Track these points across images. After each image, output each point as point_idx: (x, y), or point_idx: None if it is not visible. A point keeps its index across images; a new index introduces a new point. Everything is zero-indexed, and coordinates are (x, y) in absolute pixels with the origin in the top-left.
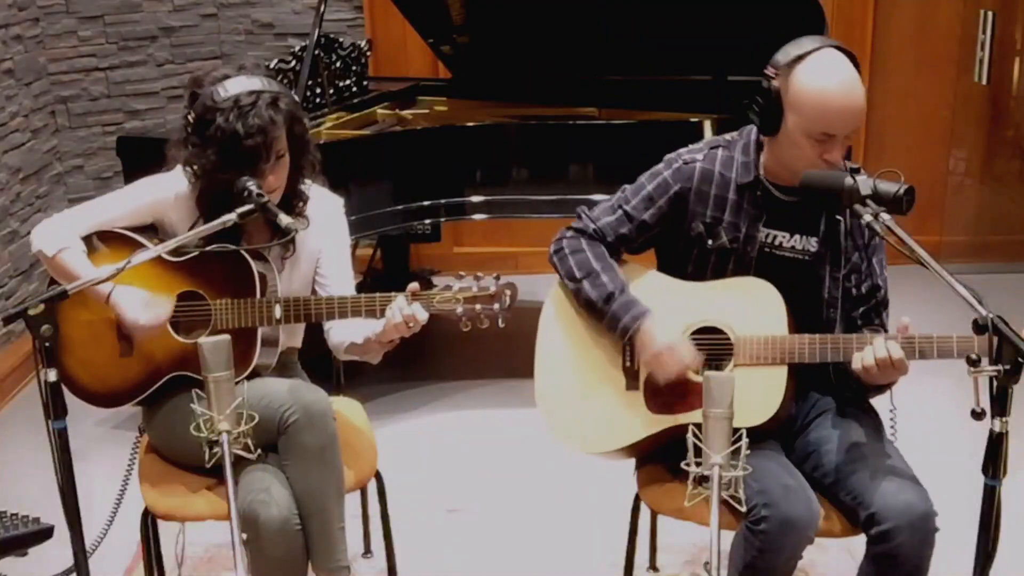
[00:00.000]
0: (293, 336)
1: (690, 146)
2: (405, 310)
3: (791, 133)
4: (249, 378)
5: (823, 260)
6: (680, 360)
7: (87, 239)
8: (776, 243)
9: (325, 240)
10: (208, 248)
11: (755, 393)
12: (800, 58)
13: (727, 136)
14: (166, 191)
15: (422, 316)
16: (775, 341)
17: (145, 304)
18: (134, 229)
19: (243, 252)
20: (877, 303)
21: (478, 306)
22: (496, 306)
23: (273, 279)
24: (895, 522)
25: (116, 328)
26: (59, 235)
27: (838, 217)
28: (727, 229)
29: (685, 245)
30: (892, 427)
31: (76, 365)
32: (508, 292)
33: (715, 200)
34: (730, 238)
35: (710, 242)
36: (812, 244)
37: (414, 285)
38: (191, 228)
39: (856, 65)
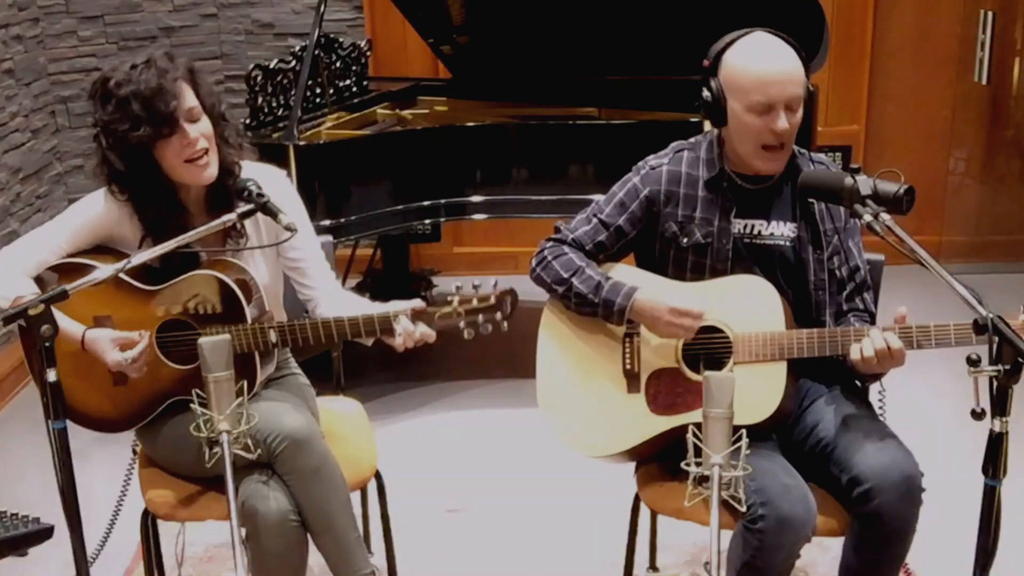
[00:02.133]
0: (276, 311)
1: (657, 153)
2: (415, 334)
3: (736, 116)
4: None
5: (805, 243)
6: (691, 317)
7: (37, 279)
8: (755, 232)
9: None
10: (186, 276)
11: (756, 391)
12: (728, 46)
13: (691, 139)
14: (100, 208)
15: (431, 338)
16: (772, 337)
17: (118, 344)
18: (84, 254)
19: (217, 274)
20: (858, 284)
21: (480, 317)
22: (498, 315)
23: (253, 280)
24: (876, 481)
25: None
26: (7, 282)
27: (810, 200)
28: (699, 225)
29: (661, 247)
30: (881, 407)
31: (70, 394)
32: (508, 299)
33: (685, 199)
34: (703, 233)
35: (684, 240)
36: (791, 229)
37: (417, 303)
38: (141, 242)
39: (792, 46)
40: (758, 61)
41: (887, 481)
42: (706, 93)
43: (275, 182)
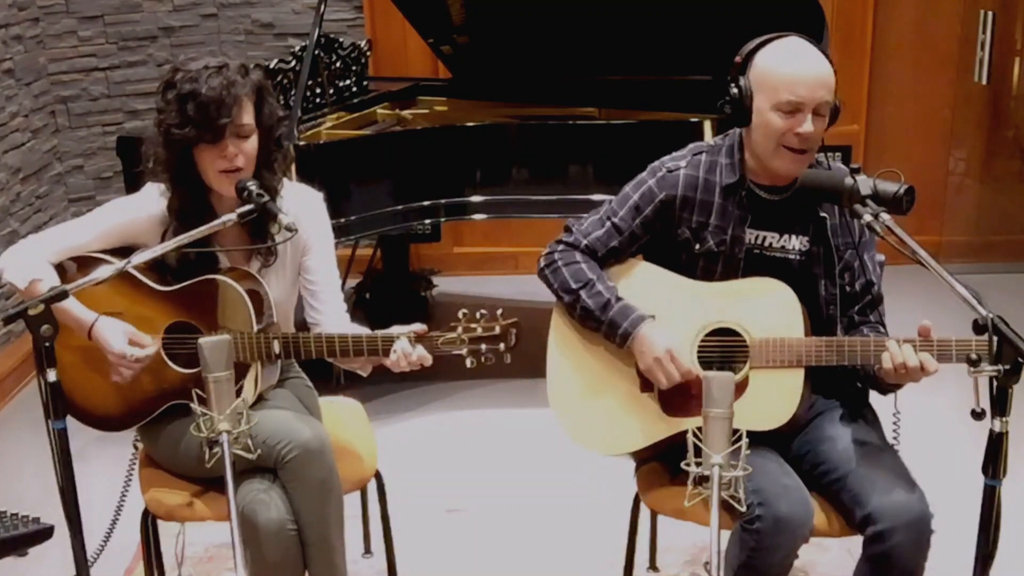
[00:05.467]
0: (285, 326)
1: (673, 153)
2: (412, 356)
3: (761, 113)
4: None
5: (816, 259)
6: (678, 366)
7: (58, 266)
8: (766, 244)
9: (309, 238)
10: (199, 279)
11: (771, 397)
12: (762, 44)
13: (709, 141)
14: (137, 211)
15: (428, 362)
16: (791, 344)
17: (129, 337)
18: (107, 253)
19: (231, 282)
20: (871, 300)
21: (483, 346)
22: (501, 346)
23: (266, 293)
24: (890, 523)
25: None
26: (28, 264)
27: (823, 215)
28: (713, 233)
29: (672, 250)
30: (895, 432)
31: (73, 389)
32: (513, 331)
33: (700, 205)
34: (716, 242)
35: (697, 247)
36: (803, 243)
37: (419, 327)
38: (163, 240)
39: (824, 54)
40: (792, 61)
41: (901, 523)
42: (734, 89)
43: (311, 204)
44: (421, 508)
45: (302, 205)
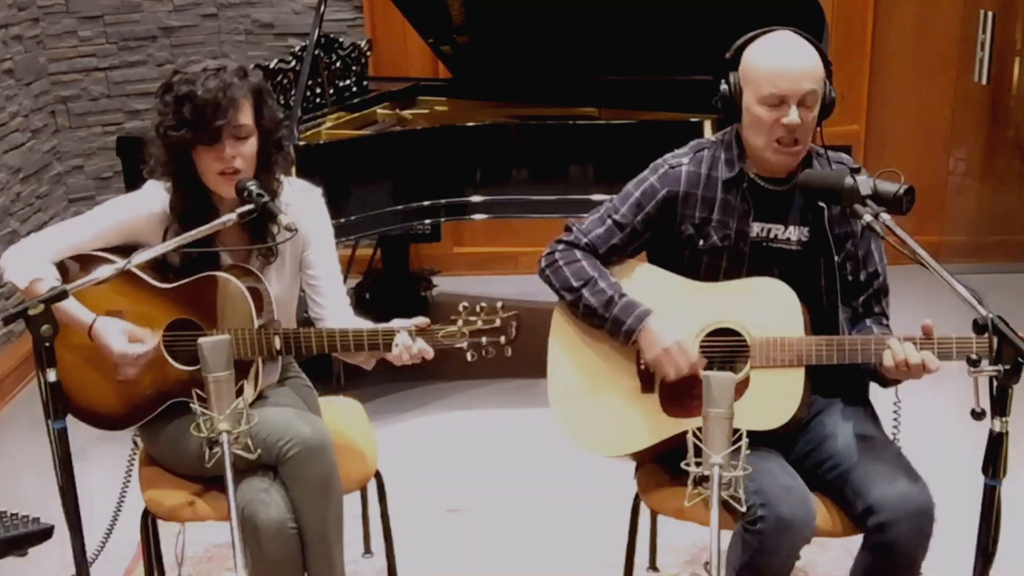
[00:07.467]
0: (287, 323)
1: (675, 151)
2: (412, 349)
3: (749, 108)
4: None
5: (815, 249)
6: (687, 358)
7: (60, 265)
8: (772, 236)
9: (309, 233)
10: (199, 276)
11: (772, 397)
12: (750, 41)
13: (711, 137)
14: (138, 210)
15: (430, 355)
16: (792, 343)
17: (128, 335)
18: (108, 251)
19: (231, 279)
20: (877, 290)
21: (484, 339)
22: (502, 339)
23: (266, 290)
24: (892, 514)
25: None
26: (30, 264)
27: (821, 205)
28: (716, 228)
29: (676, 247)
30: (896, 421)
31: (73, 388)
32: (514, 324)
33: (703, 201)
34: (720, 236)
35: (701, 243)
36: (804, 234)
37: (421, 320)
38: (164, 239)
39: (817, 48)
40: (776, 54)
41: (903, 514)
42: (724, 86)
43: (310, 199)
44: (421, 508)
45: (300, 200)
